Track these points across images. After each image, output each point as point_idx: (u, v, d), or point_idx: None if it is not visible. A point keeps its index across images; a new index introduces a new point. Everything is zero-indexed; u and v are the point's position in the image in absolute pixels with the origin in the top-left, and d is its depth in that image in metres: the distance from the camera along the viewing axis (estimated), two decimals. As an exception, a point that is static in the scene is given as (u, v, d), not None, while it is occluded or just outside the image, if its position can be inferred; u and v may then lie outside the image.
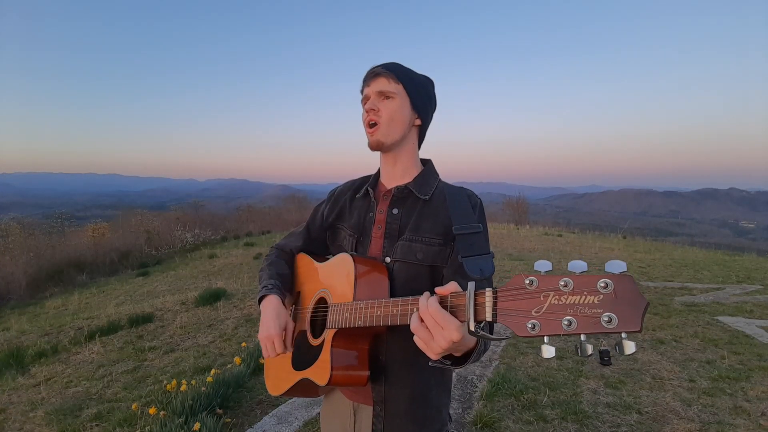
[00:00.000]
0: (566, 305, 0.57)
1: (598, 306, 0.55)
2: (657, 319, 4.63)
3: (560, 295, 0.58)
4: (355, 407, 1.05)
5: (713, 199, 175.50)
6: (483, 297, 0.66)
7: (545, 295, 0.59)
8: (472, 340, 0.75)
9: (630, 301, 0.53)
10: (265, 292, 1.06)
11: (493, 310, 0.64)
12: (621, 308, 0.54)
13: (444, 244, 0.97)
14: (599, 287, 0.55)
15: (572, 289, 0.57)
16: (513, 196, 24.98)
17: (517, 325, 0.60)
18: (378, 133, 1.00)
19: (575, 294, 0.57)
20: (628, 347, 0.53)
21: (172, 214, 21.53)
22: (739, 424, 2.53)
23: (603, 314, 0.54)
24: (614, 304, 0.54)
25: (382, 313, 0.83)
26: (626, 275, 0.55)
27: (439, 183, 1.07)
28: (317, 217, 1.20)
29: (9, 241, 14.47)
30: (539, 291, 0.60)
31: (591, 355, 0.56)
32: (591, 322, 0.55)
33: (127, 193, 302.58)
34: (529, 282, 0.61)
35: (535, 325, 0.59)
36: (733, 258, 9.66)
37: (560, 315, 0.57)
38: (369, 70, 1.03)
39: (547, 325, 0.58)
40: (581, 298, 0.56)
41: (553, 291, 0.59)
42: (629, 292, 0.54)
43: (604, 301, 0.55)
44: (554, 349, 0.59)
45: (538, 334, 0.58)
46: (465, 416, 2.66)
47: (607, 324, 0.53)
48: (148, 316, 5.52)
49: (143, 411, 2.74)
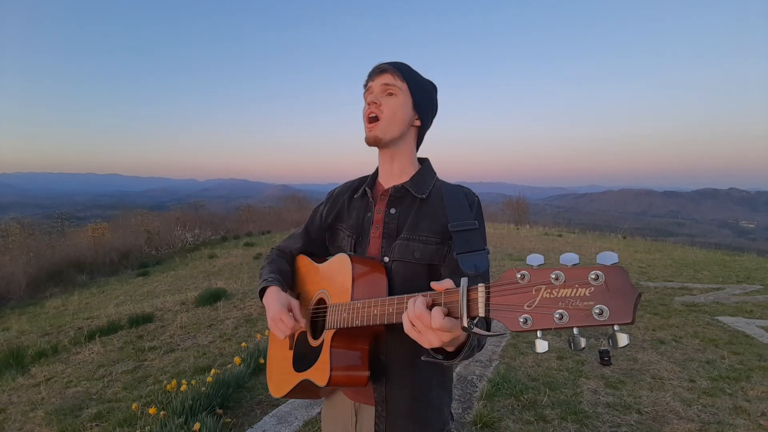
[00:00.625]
0: (558, 298, 0.56)
1: (589, 298, 0.54)
2: (657, 319, 4.63)
3: (552, 288, 0.57)
4: (356, 407, 1.05)
5: (713, 199, 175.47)
6: (476, 292, 0.65)
7: (537, 288, 0.59)
8: (464, 336, 0.74)
9: (621, 293, 0.52)
10: (265, 284, 1.08)
11: (486, 306, 0.63)
12: (612, 300, 0.53)
13: (441, 243, 0.97)
14: (590, 279, 0.54)
15: (563, 282, 0.57)
16: (513, 196, 24.99)
17: (509, 320, 0.60)
18: (377, 128, 1.01)
19: (567, 287, 0.56)
20: (620, 339, 0.52)
21: (172, 214, 21.55)
22: (739, 424, 2.53)
23: (594, 306, 0.53)
24: (606, 296, 0.53)
25: (378, 312, 0.83)
26: (617, 266, 0.54)
27: (436, 181, 1.07)
28: (316, 219, 1.20)
29: (9, 241, 14.49)
30: (531, 285, 0.59)
31: (584, 348, 0.55)
32: (583, 315, 0.54)
33: (127, 193, 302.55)
34: (521, 276, 0.60)
35: (528, 319, 0.58)
36: (733, 258, 9.66)
37: (552, 308, 0.56)
38: (376, 65, 1.04)
39: (540, 319, 0.57)
40: (573, 291, 0.56)
41: (544, 284, 0.58)
42: (621, 284, 0.53)
43: (596, 294, 0.54)
44: (547, 344, 0.58)
45: (530, 329, 0.58)
46: (465, 416, 2.66)
47: (599, 316, 0.53)
48: (148, 316, 5.52)
49: (143, 411, 2.74)
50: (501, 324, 0.61)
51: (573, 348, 0.56)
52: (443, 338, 0.70)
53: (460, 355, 0.77)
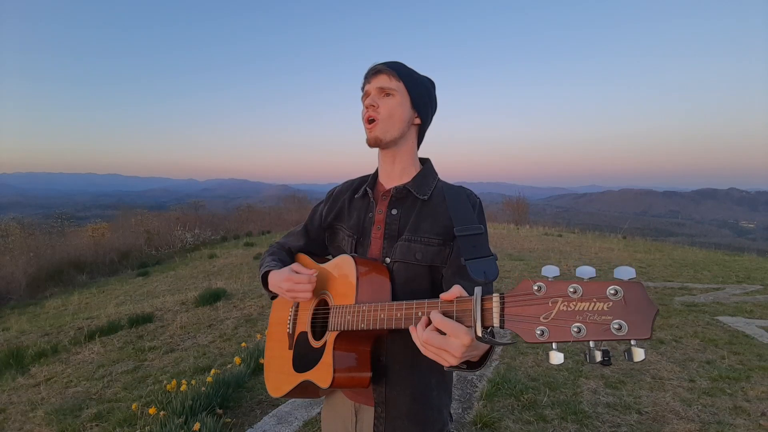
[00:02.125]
0: (575, 312, 0.57)
1: (607, 313, 0.55)
2: (657, 319, 4.62)
3: (569, 301, 0.58)
4: (356, 408, 1.05)
5: (713, 199, 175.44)
6: (490, 302, 0.65)
7: (554, 301, 0.59)
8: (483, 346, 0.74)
9: (640, 309, 0.53)
10: (268, 268, 1.09)
11: (500, 316, 0.64)
12: (631, 315, 0.53)
13: (443, 244, 0.97)
14: (609, 294, 0.55)
15: (581, 295, 0.57)
16: (513, 196, 24.94)
17: (525, 331, 0.60)
18: (376, 129, 1.00)
19: (584, 301, 0.57)
20: (637, 354, 0.53)
21: (172, 214, 21.53)
22: (739, 424, 2.53)
23: (613, 321, 0.54)
24: (624, 312, 0.54)
25: (386, 316, 0.82)
26: (636, 282, 0.54)
27: (438, 182, 1.07)
28: (315, 218, 1.20)
29: (9, 241, 14.48)
30: (547, 297, 0.60)
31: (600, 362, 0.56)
32: (601, 329, 0.55)
33: (127, 193, 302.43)
34: (537, 288, 0.61)
35: (544, 331, 0.58)
36: (733, 258, 9.65)
37: (569, 322, 0.57)
38: (370, 66, 1.03)
39: (556, 331, 0.58)
40: (591, 305, 0.56)
41: (561, 297, 0.59)
42: (639, 300, 0.53)
43: (614, 309, 0.54)
44: (563, 356, 0.58)
45: (546, 341, 0.58)
46: (465, 416, 2.66)
47: (617, 331, 0.53)
48: (148, 316, 5.52)
49: (143, 411, 2.74)
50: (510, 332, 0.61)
51: (588, 361, 0.56)
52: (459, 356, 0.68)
53: (484, 365, 0.77)
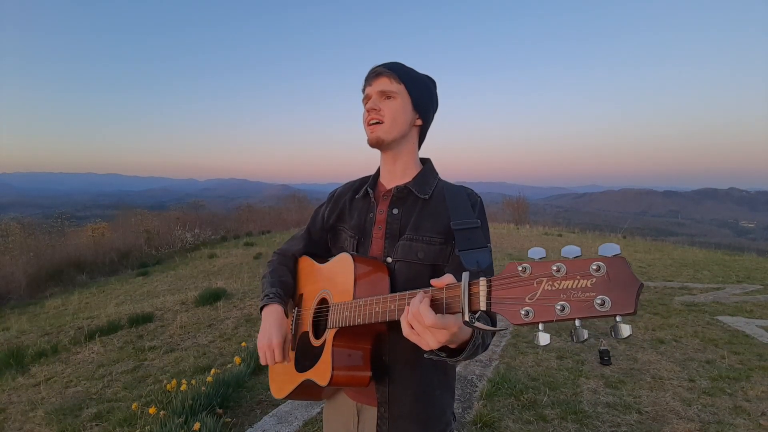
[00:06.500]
0: (559, 290, 0.56)
1: (591, 289, 0.54)
2: (657, 319, 4.63)
3: (553, 280, 0.57)
4: (358, 408, 1.05)
5: (713, 199, 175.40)
6: (477, 286, 0.65)
7: (538, 281, 0.58)
8: (467, 333, 0.74)
9: (623, 283, 0.52)
10: (267, 301, 1.07)
11: (487, 299, 0.63)
12: (614, 291, 0.52)
13: (444, 243, 0.97)
14: (592, 270, 0.54)
15: (565, 273, 0.56)
16: (513, 196, 24.93)
17: (511, 313, 0.60)
18: (379, 130, 1.00)
19: (568, 279, 0.56)
20: (623, 330, 0.52)
21: (172, 214, 21.51)
22: (739, 424, 2.53)
23: (596, 297, 0.53)
24: (607, 287, 0.53)
25: (380, 309, 0.82)
26: (619, 257, 0.54)
27: (438, 182, 1.07)
28: (317, 219, 1.20)
29: (9, 241, 14.46)
30: (533, 278, 0.59)
31: (586, 340, 0.55)
32: (584, 306, 0.54)
33: (127, 193, 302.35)
34: (522, 269, 0.60)
35: (529, 312, 0.58)
36: (733, 258, 9.65)
37: (554, 300, 0.56)
38: (371, 69, 1.03)
39: (541, 311, 0.57)
40: (574, 283, 0.55)
41: (546, 277, 0.58)
42: (622, 274, 0.53)
43: (597, 285, 0.54)
44: (549, 336, 0.58)
45: (531, 321, 0.57)
46: (465, 416, 2.66)
47: (601, 307, 0.52)
48: (148, 316, 5.52)
49: (143, 411, 2.74)
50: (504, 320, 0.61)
51: (575, 340, 0.56)
52: (439, 337, 0.69)
53: (463, 353, 0.77)
